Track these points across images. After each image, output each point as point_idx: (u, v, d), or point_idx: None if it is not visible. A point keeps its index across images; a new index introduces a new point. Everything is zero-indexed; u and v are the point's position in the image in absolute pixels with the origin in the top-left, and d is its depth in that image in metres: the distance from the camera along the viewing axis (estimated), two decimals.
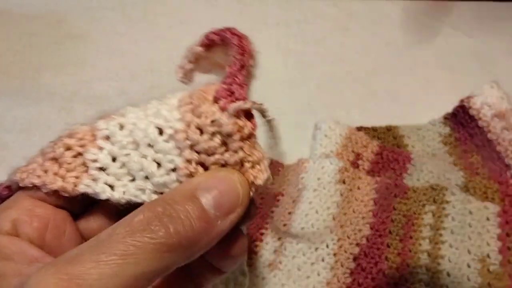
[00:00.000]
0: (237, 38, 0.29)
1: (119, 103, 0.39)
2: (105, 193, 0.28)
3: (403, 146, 0.60)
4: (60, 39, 0.70)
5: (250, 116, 0.28)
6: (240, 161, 0.27)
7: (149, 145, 0.28)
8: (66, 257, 0.23)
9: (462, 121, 0.60)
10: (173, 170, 0.28)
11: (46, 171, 0.28)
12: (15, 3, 0.74)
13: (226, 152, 0.27)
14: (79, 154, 0.29)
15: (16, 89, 0.64)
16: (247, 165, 0.27)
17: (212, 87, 0.29)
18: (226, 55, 0.31)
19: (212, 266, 0.29)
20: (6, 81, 0.64)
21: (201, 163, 0.28)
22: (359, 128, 0.61)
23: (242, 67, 0.29)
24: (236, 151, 0.27)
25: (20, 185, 0.28)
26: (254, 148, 0.28)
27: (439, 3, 0.79)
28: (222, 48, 0.31)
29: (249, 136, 0.28)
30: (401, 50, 0.72)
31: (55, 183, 0.28)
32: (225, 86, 0.28)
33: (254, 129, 0.28)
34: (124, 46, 0.70)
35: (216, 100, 0.28)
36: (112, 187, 0.28)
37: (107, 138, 0.29)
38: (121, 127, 0.29)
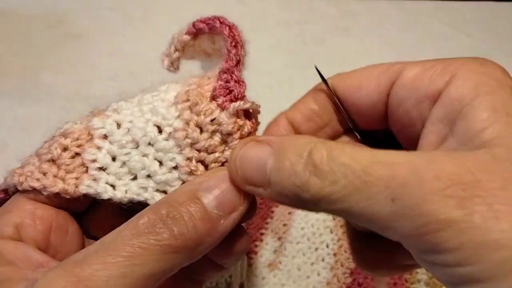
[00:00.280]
0: (228, 29, 0.29)
1: None
2: (107, 193, 0.28)
3: None
4: (60, 39, 0.70)
5: (249, 115, 0.28)
6: None
7: (149, 144, 0.28)
8: (74, 260, 0.23)
9: None
10: (175, 168, 0.28)
11: (45, 174, 0.28)
12: (15, 3, 0.74)
13: (226, 151, 0.27)
14: (77, 155, 0.29)
15: (16, 89, 0.64)
16: None
17: (207, 81, 0.29)
18: (213, 43, 0.31)
19: (214, 263, 0.30)
20: (6, 81, 0.64)
21: (202, 161, 0.28)
22: None
23: (238, 63, 0.28)
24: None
25: (19, 189, 0.28)
26: None
27: (439, 3, 0.79)
28: (209, 36, 0.31)
29: (249, 135, 0.28)
30: (401, 50, 0.72)
31: (56, 186, 0.28)
32: (223, 83, 0.28)
33: (254, 128, 0.28)
34: (124, 46, 0.70)
35: (214, 98, 0.28)
36: (114, 187, 0.28)
37: (105, 137, 0.29)
38: (118, 126, 0.29)
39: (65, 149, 0.29)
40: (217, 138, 0.27)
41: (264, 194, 0.25)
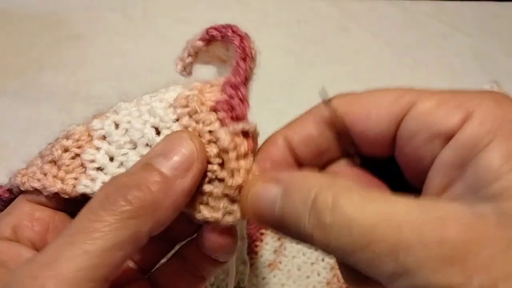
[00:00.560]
0: (239, 39, 0.29)
1: None
2: None
3: None
4: (60, 39, 0.70)
5: (247, 135, 0.28)
6: (238, 188, 0.27)
7: (147, 145, 0.28)
8: (42, 249, 0.23)
9: None
10: None
11: (46, 174, 0.28)
12: (15, 3, 0.74)
13: (224, 170, 0.27)
14: (77, 155, 0.29)
15: (16, 89, 0.64)
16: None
17: (209, 89, 0.28)
18: (226, 50, 0.31)
19: (211, 258, 0.30)
20: (6, 81, 0.64)
21: None
22: None
23: (246, 80, 0.28)
24: (233, 171, 0.27)
25: (21, 189, 0.29)
26: (252, 173, 0.27)
27: (439, 3, 0.79)
28: (222, 43, 0.31)
29: (245, 155, 0.27)
30: (401, 50, 0.72)
31: (55, 186, 0.28)
32: (227, 98, 0.27)
33: (251, 149, 0.28)
34: (124, 46, 0.70)
35: (215, 110, 0.27)
36: None
37: (104, 138, 0.29)
38: (116, 126, 0.29)
39: (66, 150, 0.29)
40: (214, 150, 0.27)
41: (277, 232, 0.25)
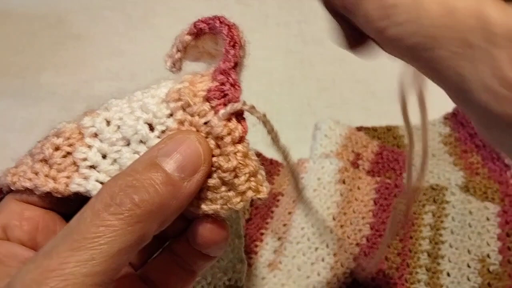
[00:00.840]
0: (227, 28, 0.28)
1: None
2: (97, 191, 0.27)
3: (403, 146, 0.60)
4: (60, 39, 0.70)
5: (242, 119, 0.28)
6: (234, 170, 0.27)
7: (141, 142, 0.28)
8: (44, 251, 0.23)
9: (462, 121, 0.60)
10: None
11: (37, 173, 0.28)
12: (15, 3, 0.74)
13: (220, 156, 0.27)
14: (68, 154, 0.28)
15: (16, 89, 0.64)
16: (243, 178, 0.27)
17: (200, 79, 0.28)
18: (215, 44, 0.31)
19: (201, 252, 0.29)
20: (6, 81, 0.64)
21: None
22: (359, 128, 0.61)
23: (236, 64, 0.28)
24: (228, 155, 0.26)
25: (12, 188, 0.28)
26: (248, 158, 0.27)
27: None
28: (211, 36, 0.30)
29: (240, 140, 0.27)
30: None
31: (47, 185, 0.28)
32: (218, 85, 0.27)
33: (245, 132, 0.28)
34: (124, 46, 0.70)
35: (208, 99, 0.27)
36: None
37: (95, 135, 0.28)
38: (108, 123, 0.29)
39: (57, 149, 0.28)
40: (212, 142, 0.27)
41: None
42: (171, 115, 0.28)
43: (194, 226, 0.28)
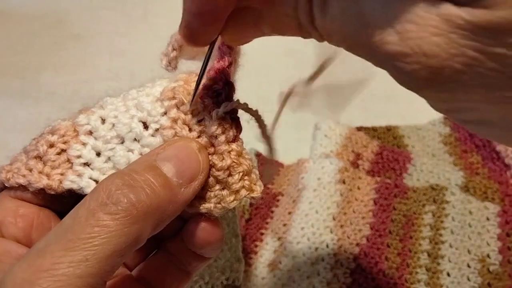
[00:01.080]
0: None
1: None
2: (90, 188, 0.27)
3: (403, 146, 0.60)
4: (60, 39, 0.70)
5: (236, 118, 0.28)
6: (228, 169, 0.27)
7: (135, 140, 0.28)
8: (36, 249, 0.22)
9: None
10: None
11: (31, 170, 0.28)
12: (15, 3, 0.74)
13: (214, 155, 0.27)
14: (63, 151, 0.28)
15: (16, 89, 0.64)
16: (236, 177, 0.27)
17: (194, 78, 0.28)
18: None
19: (196, 253, 0.29)
20: (6, 81, 0.64)
21: None
22: (359, 128, 0.61)
23: (230, 64, 0.28)
24: (223, 154, 0.27)
25: (6, 185, 0.28)
26: (242, 157, 0.27)
27: None
28: None
29: (234, 139, 0.27)
30: None
31: (41, 182, 0.27)
32: (212, 84, 0.27)
33: (239, 131, 0.28)
34: (124, 46, 0.70)
35: (202, 98, 0.27)
36: (97, 182, 0.28)
37: (90, 133, 0.29)
38: (103, 121, 0.29)
39: (52, 146, 0.28)
40: (205, 139, 0.27)
41: None
42: (165, 114, 0.28)
43: (189, 227, 0.28)
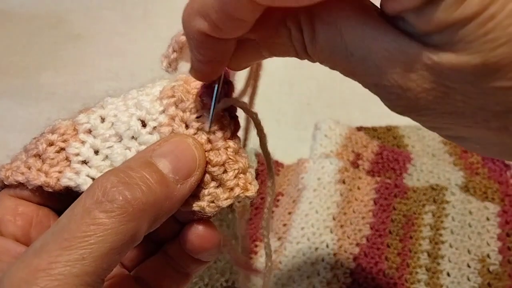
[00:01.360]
0: None
1: None
2: (87, 185, 0.27)
3: (403, 146, 0.60)
4: (60, 39, 0.70)
5: (234, 116, 0.28)
6: (223, 165, 0.27)
7: (133, 138, 0.28)
8: (33, 249, 0.22)
9: None
10: None
11: (30, 168, 0.28)
12: (15, 3, 0.74)
13: (211, 151, 0.27)
14: (62, 149, 0.29)
15: (16, 89, 0.64)
16: (231, 174, 0.27)
17: (194, 79, 0.29)
18: None
19: (194, 257, 0.29)
20: (6, 81, 0.64)
21: None
22: (359, 128, 0.61)
23: None
24: (219, 150, 0.27)
25: (5, 183, 0.28)
26: (239, 155, 0.27)
27: None
28: None
29: (232, 136, 0.27)
30: None
31: (38, 179, 0.28)
32: (211, 83, 0.27)
33: (237, 129, 0.28)
34: (124, 46, 0.70)
35: (201, 96, 0.28)
36: (94, 179, 0.28)
37: (89, 132, 0.29)
38: (102, 120, 0.29)
39: (51, 144, 0.29)
40: (203, 136, 0.27)
41: None
42: (164, 112, 0.28)
43: (184, 232, 0.28)
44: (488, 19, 0.17)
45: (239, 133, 0.29)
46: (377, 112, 0.64)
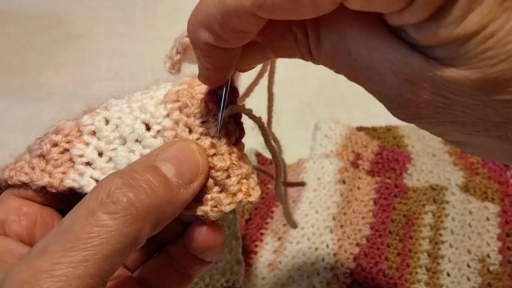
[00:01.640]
0: None
1: None
2: (91, 187, 0.27)
3: (403, 146, 0.60)
4: (60, 39, 0.70)
5: (239, 122, 0.28)
6: (227, 170, 0.27)
7: (137, 141, 0.28)
8: (36, 250, 0.22)
9: None
10: None
11: (34, 168, 0.28)
12: (15, 3, 0.74)
13: (215, 156, 0.27)
14: (66, 150, 0.29)
15: (16, 89, 0.64)
16: (234, 179, 0.27)
17: (198, 82, 0.28)
18: None
19: (197, 257, 0.29)
20: (6, 81, 0.64)
21: None
22: (359, 128, 0.61)
23: (235, 71, 0.28)
24: (223, 155, 0.27)
25: (9, 183, 0.28)
26: (243, 161, 0.27)
27: None
28: None
29: (236, 142, 0.28)
30: None
31: (42, 180, 0.28)
32: (214, 89, 0.28)
33: (241, 136, 0.28)
34: (124, 46, 0.70)
35: (205, 102, 0.28)
36: (98, 181, 0.28)
37: (93, 133, 0.29)
38: (107, 122, 0.29)
39: (55, 145, 0.29)
40: (207, 141, 0.27)
41: None
42: (168, 116, 0.28)
43: (190, 231, 0.28)
44: (488, 37, 0.17)
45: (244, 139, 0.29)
46: (377, 112, 0.64)
